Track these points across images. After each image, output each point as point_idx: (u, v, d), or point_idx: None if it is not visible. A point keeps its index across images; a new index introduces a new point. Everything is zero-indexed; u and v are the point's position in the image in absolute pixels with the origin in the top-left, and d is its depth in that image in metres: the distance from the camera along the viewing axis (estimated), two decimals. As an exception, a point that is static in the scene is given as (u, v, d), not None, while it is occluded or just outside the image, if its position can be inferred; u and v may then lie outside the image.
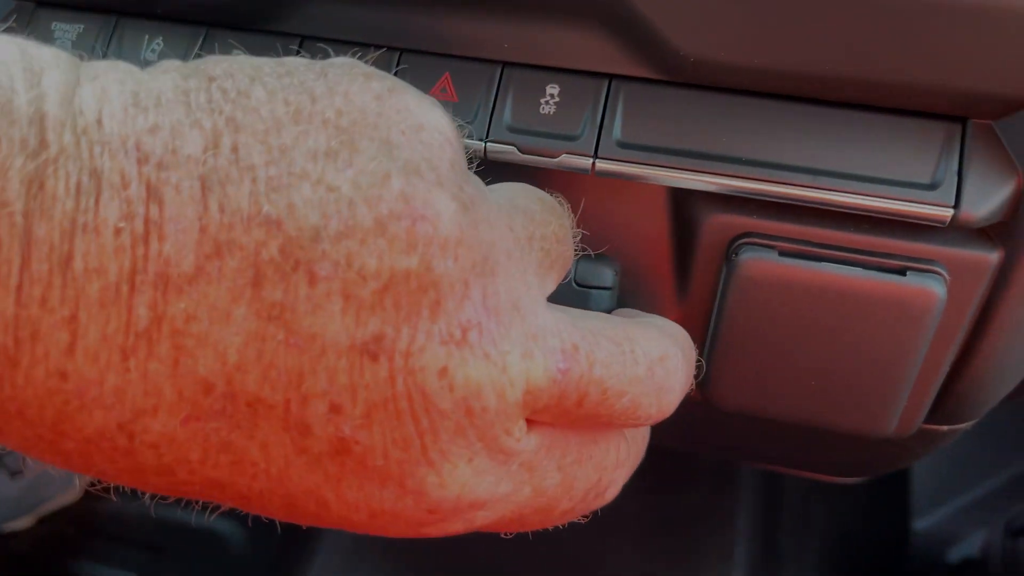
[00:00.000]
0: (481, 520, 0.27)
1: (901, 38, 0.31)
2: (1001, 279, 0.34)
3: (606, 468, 0.30)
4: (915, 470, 0.99)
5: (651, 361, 0.28)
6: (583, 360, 0.25)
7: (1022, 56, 0.30)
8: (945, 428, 0.42)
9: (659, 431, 0.53)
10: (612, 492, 0.31)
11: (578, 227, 0.37)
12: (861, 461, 0.50)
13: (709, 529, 0.85)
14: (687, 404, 0.43)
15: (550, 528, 0.31)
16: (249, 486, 0.24)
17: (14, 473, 1.02)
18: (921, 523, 0.97)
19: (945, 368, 0.37)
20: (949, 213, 0.32)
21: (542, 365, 0.24)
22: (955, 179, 0.32)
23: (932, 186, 0.32)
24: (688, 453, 0.89)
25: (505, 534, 0.29)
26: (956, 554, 0.95)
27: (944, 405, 0.39)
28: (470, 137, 0.36)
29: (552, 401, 0.25)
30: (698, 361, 0.33)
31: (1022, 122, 0.32)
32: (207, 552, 1.02)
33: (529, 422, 0.26)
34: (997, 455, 0.97)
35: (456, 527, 0.26)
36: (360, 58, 0.37)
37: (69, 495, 1.06)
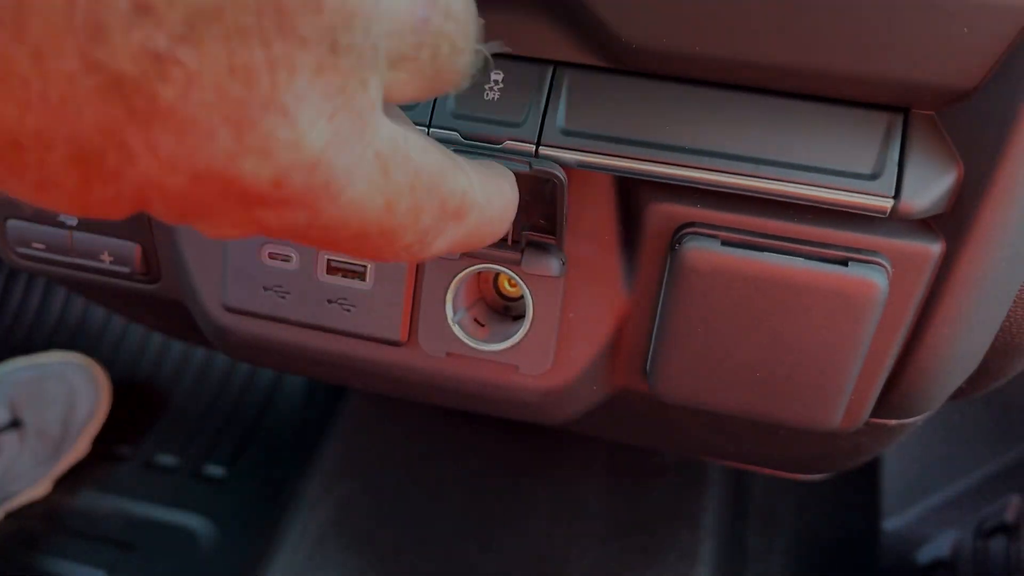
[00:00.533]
0: (327, 217, 0.21)
1: (843, 28, 0.30)
2: (944, 271, 0.34)
3: (448, 213, 0.25)
4: (885, 470, 1.00)
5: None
6: (440, 10, 0.22)
7: (963, 47, 0.30)
8: (893, 422, 0.42)
9: (616, 427, 0.53)
10: (438, 248, 0.26)
11: (524, 212, 0.36)
12: (814, 457, 0.50)
13: (675, 527, 0.84)
14: (637, 398, 0.43)
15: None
16: (21, 120, 0.17)
17: (-21, 467, 1.01)
18: (891, 523, 0.97)
19: (890, 361, 0.37)
20: (889, 204, 0.32)
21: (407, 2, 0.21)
22: (896, 170, 0.32)
23: (873, 176, 0.32)
24: (654, 450, 0.89)
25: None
26: (926, 554, 0.95)
27: (891, 399, 0.39)
28: (414, 123, 0.36)
29: (410, 53, 0.22)
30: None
31: (964, 113, 0.32)
32: (176, 548, 1.01)
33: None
34: (968, 455, 0.97)
35: (297, 217, 0.21)
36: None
37: (37, 490, 1.05)
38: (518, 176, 0.34)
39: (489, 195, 0.28)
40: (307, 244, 0.23)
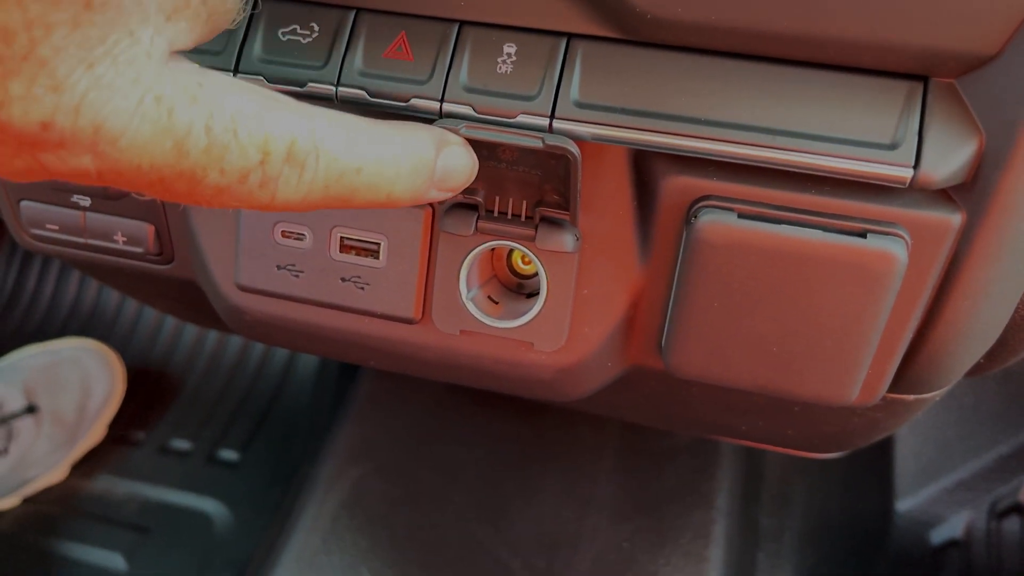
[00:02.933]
0: (113, 161, 0.24)
1: (861, -7, 0.30)
2: (964, 242, 0.34)
3: (275, 155, 0.26)
4: (898, 450, 0.99)
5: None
6: None
7: (984, 12, 0.29)
8: (911, 398, 0.41)
9: (629, 405, 0.53)
10: (284, 195, 0.27)
11: (538, 188, 0.36)
12: (830, 434, 0.50)
13: (687, 507, 0.85)
14: (651, 375, 0.43)
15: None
16: None
17: (-3, 452, 1.01)
18: (904, 504, 0.97)
19: (908, 334, 0.36)
20: (909, 174, 0.32)
21: None
22: (915, 139, 0.32)
23: (892, 146, 0.32)
24: (666, 432, 0.88)
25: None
26: (939, 535, 0.95)
27: (909, 373, 0.39)
28: (426, 97, 0.35)
29: (181, 3, 0.25)
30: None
31: (985, 80, 0.31)
32: (192, 532, 1.02)
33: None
34: (982, 436, 0.97)
35: (81, 160, 0.23)
36: (314, 16, 0.37)
37: (54, 475, 1.06)
38: (532, 151, 0.34)
39: (376, 151, 0.28)
40: (120, 187, 0.25)
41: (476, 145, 0.34)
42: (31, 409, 1.05)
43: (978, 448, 0.97)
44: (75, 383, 1.09)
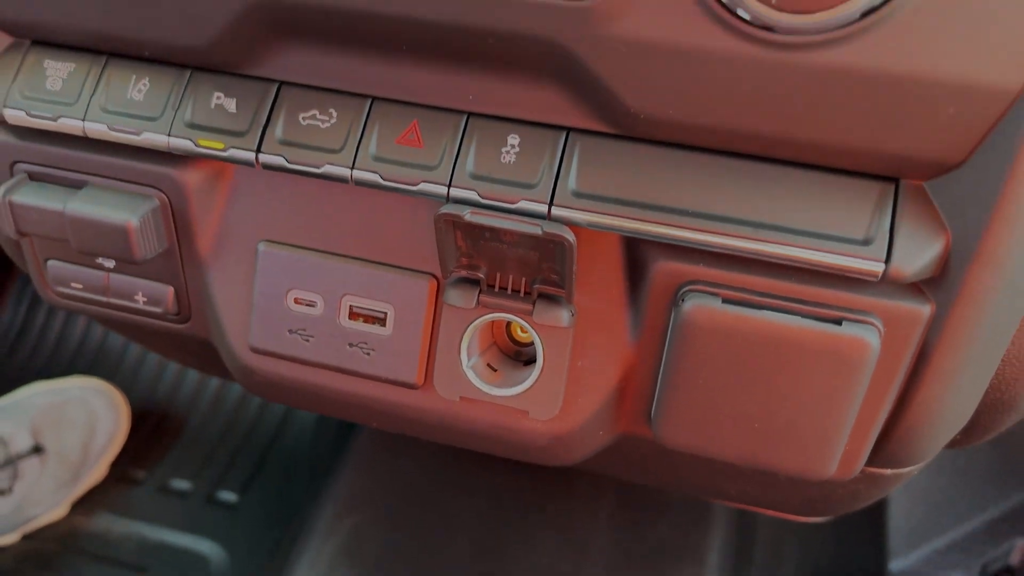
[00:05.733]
0: None
1: (837, 106, 0.33)
2: (933, 331, 0.36)
3: None
4: (891, 511, 1.00)
5: None
6: None
7: (951, 125, 0.32)
8: (889, 472, 0.43)
9: (621, 467, 0.55)
10: None
11: (536, 267, 0.39)
12: (814, 501, 0.52)
13: (680, 563, 0.85)
14: (642, 442, 0.45)
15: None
16: None
17: (1, 491, 1.02)
18: (897, 564, 0.97)
19: (883, 414, 0.38)
20: (881, 268, 0.34)
21: None
22: (887, 236, 0.34)
23: (865, 242, 0.34)
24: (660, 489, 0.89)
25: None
26: (932, 596, 0.95)
27: (885, 449, 0.41)
28: (435, 182, 0.38)
29: None
30: None
31: (952, 184, 0.34)
32: (188, 573, 1.03)
33: None
34: (975, 498, 0.97)
35: None
36: (333, 103, 0.40)
37: (55, 513, 1.07)
38: (531, 236, 0.36)
39: None
40: None
41: (480, 228, 0.36)
42: (37, 449, 1.07)
43: (970, 510, 0.97)
44: (81, 423, 1.10)
